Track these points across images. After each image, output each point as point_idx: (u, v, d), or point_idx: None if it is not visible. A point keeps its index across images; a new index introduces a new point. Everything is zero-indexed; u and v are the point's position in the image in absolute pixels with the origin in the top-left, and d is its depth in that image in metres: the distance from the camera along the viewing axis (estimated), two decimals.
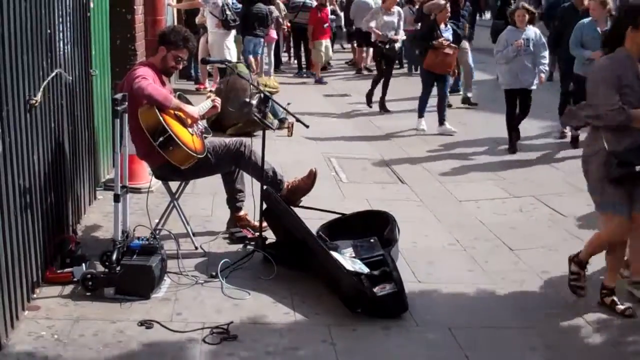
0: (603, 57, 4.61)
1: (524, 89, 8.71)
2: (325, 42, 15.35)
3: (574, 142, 8.85)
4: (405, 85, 15.26)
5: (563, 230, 6.07)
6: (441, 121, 10.00)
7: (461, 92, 13.22)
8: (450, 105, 10.78)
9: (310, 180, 5.59)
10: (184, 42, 5.28)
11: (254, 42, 13.27)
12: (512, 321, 4.47)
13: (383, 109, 11.66)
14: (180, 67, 5.53)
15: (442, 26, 9.91)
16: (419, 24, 16.69)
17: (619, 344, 4.20)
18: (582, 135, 8.02)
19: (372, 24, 11.74)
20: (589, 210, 6.57)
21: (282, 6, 16.33)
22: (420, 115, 10.13)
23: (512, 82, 8.70)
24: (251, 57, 13.39)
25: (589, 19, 8.31)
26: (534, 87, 8.75)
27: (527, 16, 8.63)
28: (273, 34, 15.12)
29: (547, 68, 8.92)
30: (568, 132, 9.31)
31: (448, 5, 10.06)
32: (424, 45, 9.75)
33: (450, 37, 9.94)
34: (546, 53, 8.78)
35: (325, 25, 15.31)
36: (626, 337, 4.29)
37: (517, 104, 8.82)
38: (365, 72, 16.50)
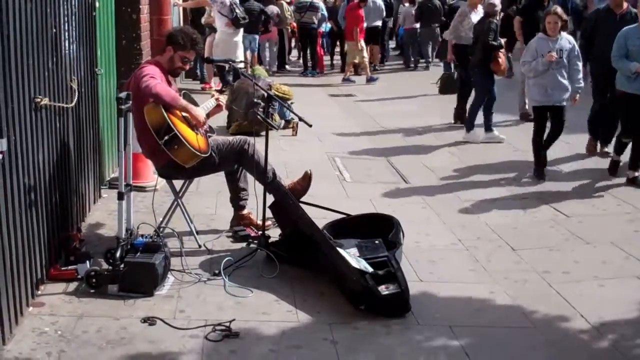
0: None
1: (555, 105, 7.56)
2: (361, 42, 15.35)
3: (613, 170, 7.66)
4: (406, 83, 15.35)
5: (566, 230, 6.07)
6: (489, 127, 9.48)
7: None
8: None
9: (305, 182, 5.64)
10: (192, 44, 5.30)
11: (248, 38, 13.47)
12: (513, 320, 4.48)
13: (461, 121, 10.44)
14: (187, 68, 5.56)
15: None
16: (419, 23, 17.00)
17: (621, 346, 4.21)
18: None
19: (451, 35, 10.70)
20: (591, 211, 6.61)
21: (286, 6, 16.40)
22: (472, 127, 9.48)
23: (541, 99, 7.56)
24: (248, 53, 13.78)
25: (634, 25, 7.24)
26: (565, 104, 7.62)
27: (559, 23, 7.46)
28: (274, 31, 15.29)
29: (582, 84, 7.66)
30: (599, 146, 8.60)
31: (499, 4, 9.62)
32: (494, 48, 9.11)
33: None
34: (580, 65, 7.64)
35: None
36: (628, 337, 4.30)
37: (546, 121, 7.70)
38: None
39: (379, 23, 16.24)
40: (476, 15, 10.42)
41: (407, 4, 18.00)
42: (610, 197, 6.98)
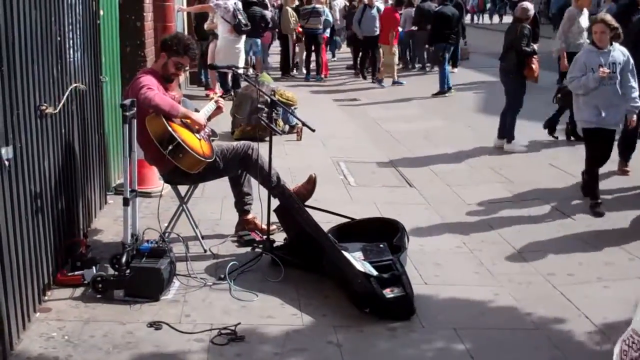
0: None
1: (605, 129, 6.56)
2: (395, 46, 15.49)
3: None
4: (408, 86, 15.37)
5: (571, 233, 6.08)
6: (512, 137, 9.13)
7: (453, 91, 13.51)
8: None
9: (310, 185, 5.67)
10: (185, 50, 5.32)
11: (250, 42, 13.72)
12: (518, 322, 4.49)
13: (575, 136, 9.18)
14: (181, 74, 5.57)
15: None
16: (415, 26, 17.07)
17: None
18: None
19: (562, 43, 9.96)
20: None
21: (291, 12, 16.46)
22: (513, 137, 9.09)
23: (594, 119, 6.49)
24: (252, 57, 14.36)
25: None
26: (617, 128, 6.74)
27: (607, 32, 6.45)
28: (268, 36, 16.05)
29: (638, 103, 6.55)
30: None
31: (532, 9, 9.23)
32: (527, 54, 8.80)
33: None
34: (635, 83, 6.53)
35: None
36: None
37: (603, 146, 6.67)
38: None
39: (377, 33, 15.60)
40: (584, 18, 9.51)
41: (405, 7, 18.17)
42: (615, 201, 6.98)
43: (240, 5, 12.34)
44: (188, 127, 5.19)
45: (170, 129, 4.95)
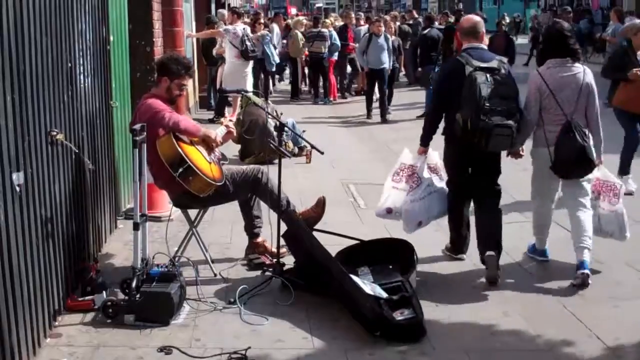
0: None
1: None
2: None
3: None
4: (414, 107, 15.37)
5: None
6: (624, 170, 7.83)
7: None
8: None
9: (319, 208, 5.68)
10: (186, 70, 5.36)
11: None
12: (529, 343, 4.46)
13: None
14: (184, 94, 5.60)
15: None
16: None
17: None
18: None
19: None
20: None
21: (300, 35, 16.60)
22: (625, 172, 7.79)
23: None
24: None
25: None
26: None
27: None
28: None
29: None
30: None
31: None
32: (616, 77, 7.92)
33: None
34: None
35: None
36: None
37: None
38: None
39: (386, 65, 13.98)
40: None
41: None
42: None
43: (248, 30, 12.46)
44: (199, 151, 5.22)
45: (181, 151, 4.98)
